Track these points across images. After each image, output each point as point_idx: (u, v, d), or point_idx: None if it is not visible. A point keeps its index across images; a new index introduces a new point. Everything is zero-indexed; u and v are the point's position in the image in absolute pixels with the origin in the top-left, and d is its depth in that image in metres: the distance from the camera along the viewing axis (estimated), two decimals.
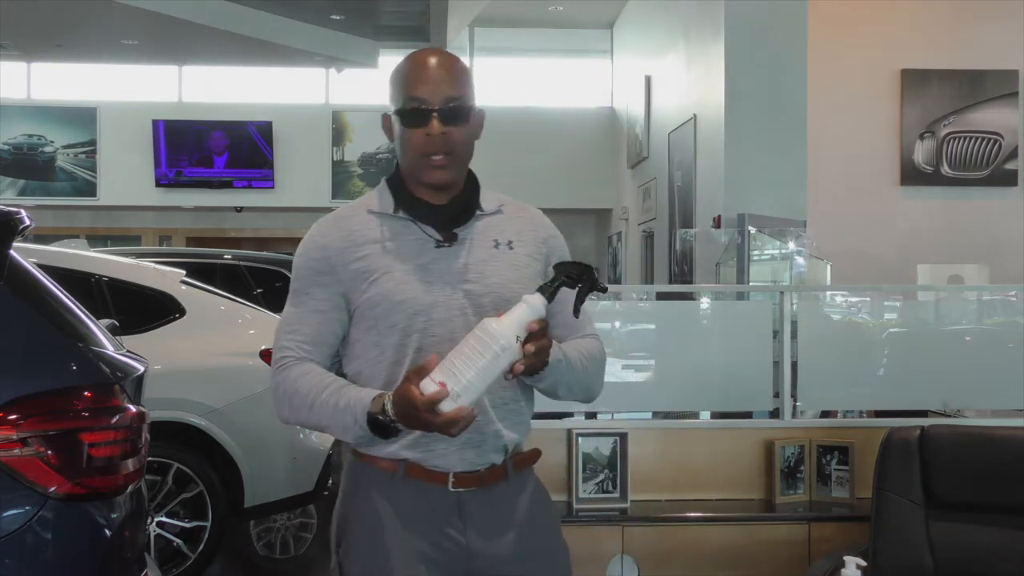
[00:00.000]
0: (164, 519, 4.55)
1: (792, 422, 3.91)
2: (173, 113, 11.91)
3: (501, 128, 11.59)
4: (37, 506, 2.12)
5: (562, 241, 2.09)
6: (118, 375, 2.36)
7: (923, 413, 4.14)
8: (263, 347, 4.46)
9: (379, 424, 1.81)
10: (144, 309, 4.73)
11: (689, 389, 4.04)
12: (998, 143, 8.46)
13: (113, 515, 2.27)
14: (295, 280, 2.00)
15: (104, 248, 7.69)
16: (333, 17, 9.74)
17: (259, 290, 6.34)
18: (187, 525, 4.58)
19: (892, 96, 8.46)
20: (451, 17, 9.46)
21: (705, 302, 5.01)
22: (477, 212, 2.00)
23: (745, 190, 6.68)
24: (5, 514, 2.11)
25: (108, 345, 2.49)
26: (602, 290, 1.82)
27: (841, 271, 6.75)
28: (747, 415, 4.12)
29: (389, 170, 2.07)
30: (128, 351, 2.62)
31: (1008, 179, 8.48)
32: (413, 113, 1.91)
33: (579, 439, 3.69)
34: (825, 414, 4.39)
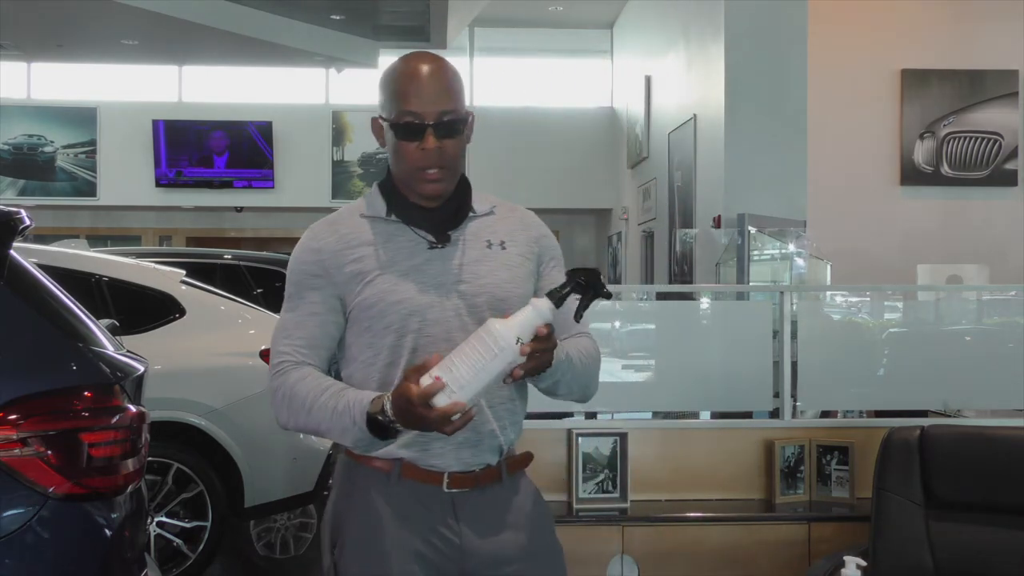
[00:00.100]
0: (164, 519, 4.55)
1: (792, 422, 3.91)
2: (173, 113, 11.90)
3: (501, 128, 11.72)
4: (37, 506, 2.12)
5: (554, 241, 2.10)
6: (118, 375, 2.36)
7: (923, 413, 4.14)
8: (263, 347, 4.46)
9: (378, 424, 1.81)
10: (144, 309, 4.73)
11: (689, 389, 4.04)
12: (998, 143, 8.46)
13: (113, 515, 2.27)
14: (290, 285, 2.00)
15: (104, 248, 7.68)
16: (333, 17, 9.72)
17: (259, 290, 6.34)
18: (187, 525, 4.58)
19: (892, 96, 8.46)
20: (451, 17, 9.46)
21: (705, 302, 5.01)
22: (469, 214, 2.00)
23: (745, 190, 6.68)
24: (5, 514, 2.11)
25: (108, 345, 2.49)
26: (606, 296, 1.82)
27: (841, 271, 6.75)
28: (747, 415, 4.12)
29: None
30: (128, 351, 2.62)
31: (1008, 179, 8.48)
32: (407, 127, 1.91)
33: (579, 439, 3.69)
34: (825, 414, 4.39)
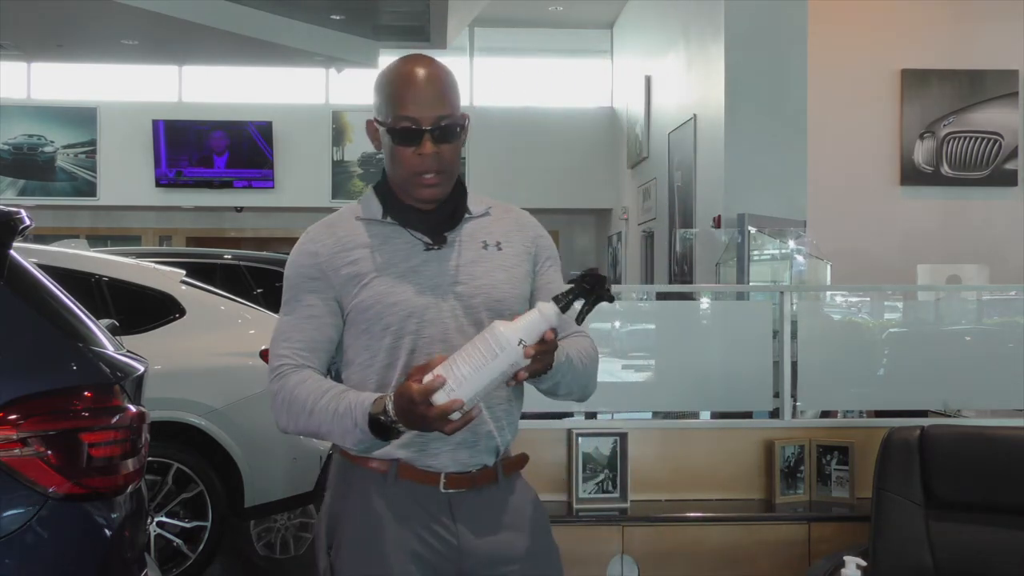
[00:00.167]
0: (164, 519, 4.55)
1: (792, 422, 3.91)
2: (173, 113, 11.89)
3: (501, 128, 11.72)
4: (37, 506, 2.12)
5: (550, 240, 2.10)
6: (118, 375, 2.36)
7: (923, 413, 4.14)
8: (263, 347, 4.45)
9: (380, 425, 1.81)
10: (144, 309, 4.73)
11: (689, 389, 4.04)
12: (998, 143, 8.46)
13: (113, 515, 2.27)
14: (287, 289, 2.00)
15: (104, 248, 7.68)
16: (333, 17, 9.71)
17: (259, 290, 6.34)
18: (187, 525, 4.58)
19: (892, 96, 8.46)
20: (451, 17, 9.45)
21: (705, 302, 5.01)
22: (465, 215, 2.00)
23: (745, 190, 6.68)
24: (5, 514, 2.11)
25: (108, 345, 2.49)
26: (609, 300, 1.82)
27: (841, 271, 6.74)
28: (747, 415, 4.12)
29: None
30: (128, 351, 2.62)
31: (1008, 179, 8.48)
32: (404, 132, 1.91)
33: (579, 439, 3.69)
34: (825, 414, 4.39)
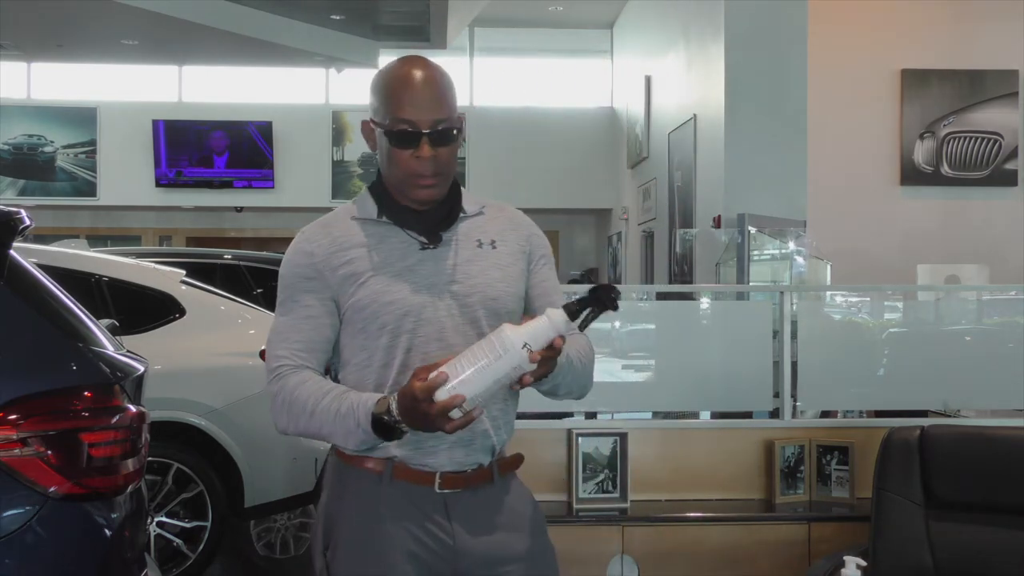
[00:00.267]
0: (164, 519, 4.55)
1: (792, 422, 3.91)
2: (173, 113, 11.89)
3: (501, 128, 11.72)
4: (37, 506, 2.12)
5: (544, 239, 2.11)
6: (118, 375, 2.36)
7: (923, 413, 4.15)
8: (263, 347, 4.44)
9: (383, 425, 1.81)
10: (144, 309, 4.73)
11: (689, 389, 4.04)
12: (998, 143, 8.46)
13: (113, 515, 2.27)
14: (283, 290, 1.99)
15: (104, 248, 7.68)
16: (333, 17, 9.71)
17: (259, 290, 6.33)
18: (187, 525, 4.58)
19: (892, 96, 8.46)
20: (451, 17, 9.45)
21: (705, 302, 5.01)
22: (460, 215, 2.01)
23: (745, 190, 6.68)
24: (5, 514, 2.10)
25: (108, 345, 2.49)
26: (614, 309, 1.82)
27: (841, 271, 6.74)
28: (747, 415, 4.13)
29: None
30: (128, 351, 2.62)
31: (1008, 179, 8.48)
32: (402, 135, 1.91)
33: (579, 439, 3.69)
34: (825, 414, 4.39)
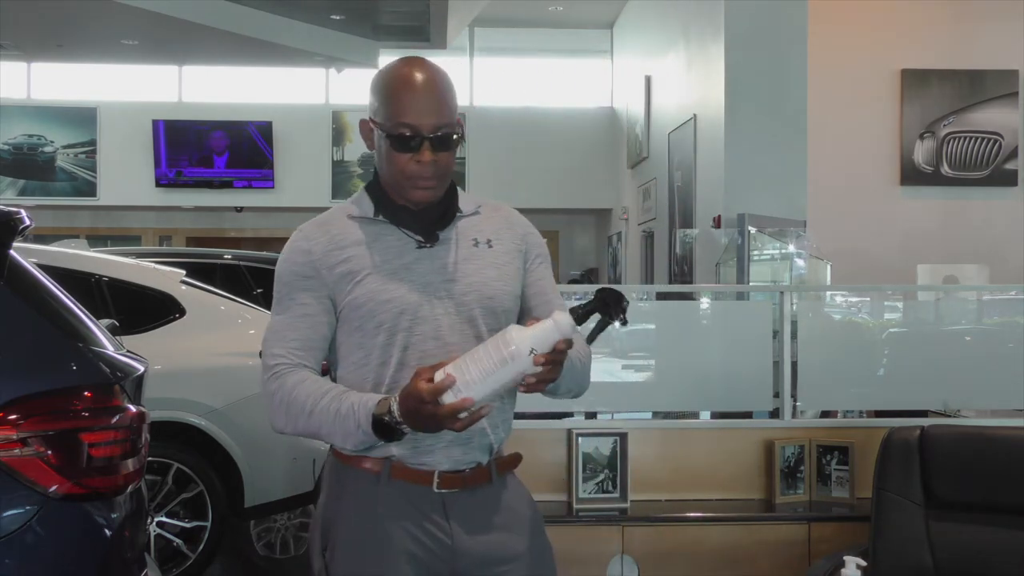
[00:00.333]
0: (164, 519, 4.55)
1: (792, 422, 3.91)
2: (173, 113, 11.89)
3: (501, 128, 11.72)
4: (37, 506, 2.12)
5: (539, 238, 2.11)
6: (118, 375, 2.36)
7: (923, 413, 4.15)
8: None
9: (384, 426, 1.81)
10: (144, 309, 4.73)
11: (689, 389, 4.04)
12: (998, 143, 8.45)
13: (113, 515, 2.27)
14: (279, 288, 1.99)
15: (104, 248, 7.68)
16: (333, 17, 9.70)
17: (259, 290, 6.33)
18: (187, 525, 4.58)
19: (892, 96, 8.46)
20: (451, 17, 9.45)
21: (705, 302, 5.01)
22: (456, 214, 2.01)
23: (745, 190, 6.68)
24: (5, 514, 2.10)
25: (108, 345, 2.49)
26: (623, 323, 1.81)
27: (841, 271, 6.74)
28: (747, 415, 4.13)
29: None
30: (128, 351, 2.62)
31: (1008, 179, 8.48)
32: (403, 139, 1.91)
33: (579, 439, 3.69)
34: (825, 414, 4.39)
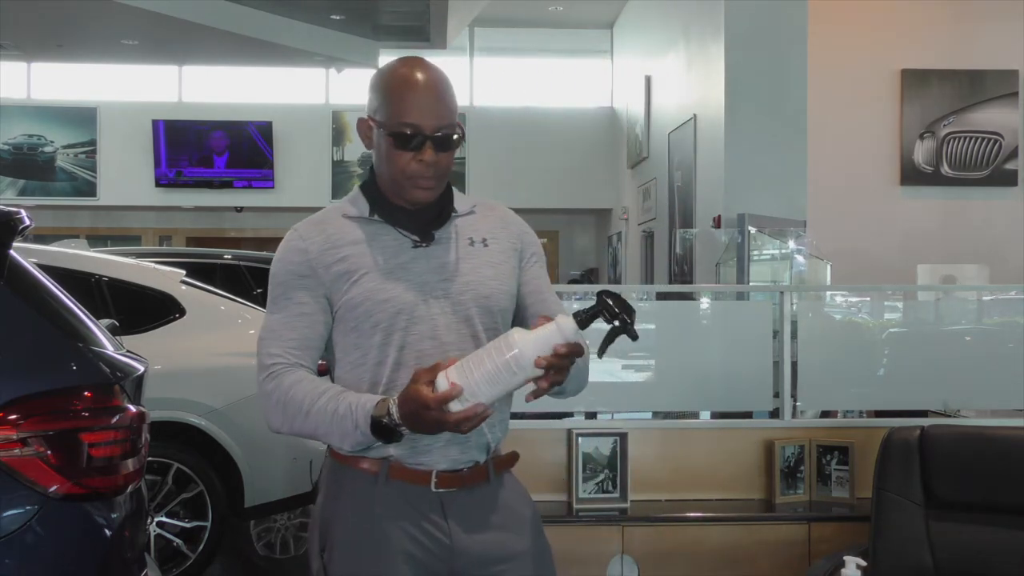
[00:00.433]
0: (164, 519, 4.55)
1: (792, 422, 3.91)
2: (173, 113, 11.90)
3: (501, 128, 11.72)
4: (37, 506, 2.12)
5: (534, 237, 2.11)
6: (118, 375, 2.36)
7: (923, 413, 4.15)
8: None
9: (383, 428, 1.81)
10: (144, 309, 4.73)
11: (689, 389, 4.04)
12: (998, 143, 8.46)
13: (113, 515, 2.27)
14: (275, 287, 1.98)
15: (104, 248, 7.68)
16: (333, 17, 9.71)
17: (259, 290, 6.33)
18: (187, 525, 4.58)
19: (892, 96, 8.46)
20: (451, 17, 9.45)
21: (705, 302, 5.01)
22: (452, 214, 2.01)
23: (745, 190, 6.68)
24: (5, 514, 2.10)
25: (108, 345, 2.49)
26: (633, 338, 1.79)
27: (841, 271, 6.74)
28: (747, 415, 4.13)
29: None
30: (128, 351, 2.62)
31: (1008, 179, 8.48)
32: (405, 138, 1.91)
33: (579, 439, 3.69)
34: (825, 414, 4.39)
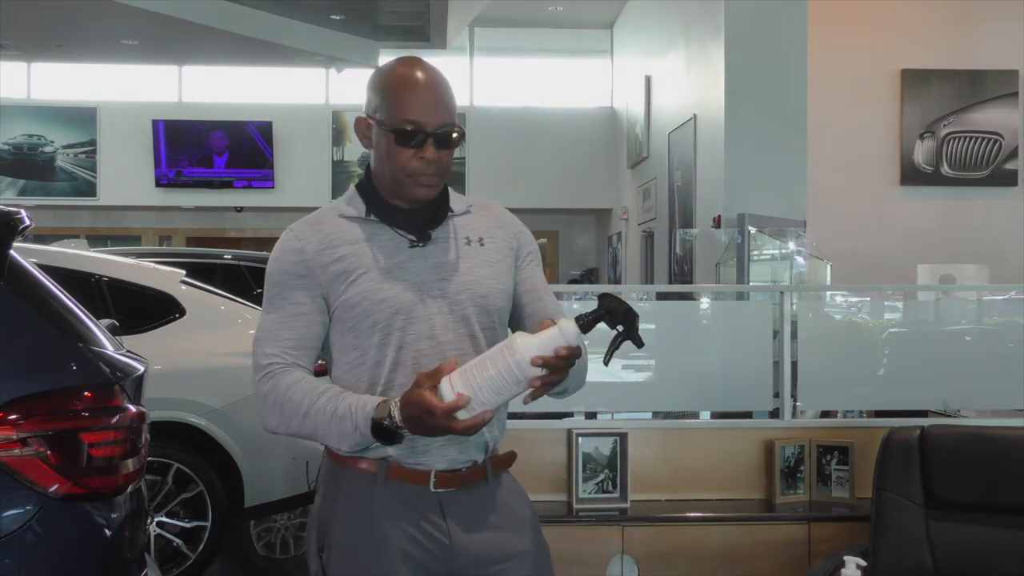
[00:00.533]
0: (164, 519, 4.55)
1: (792, 422, 3.91)
2: (173, 113, 11.90)
3: (501, 128, 11.73)
4: (37, 506, 2.12)
5: (530, 236, 2.12)
6: (118, 375, 2.36)
7: (923, 413, 4.15)
8: None
9: (383, 430, 1.81)
10: (144, 309, 4.73)
11: (689, 389, 4.05)
12: (998, 143, 8.46)
13: (113, 515, 2.27)
14: (271, 287, 1.97)
15: (104, 248, 7.68)
16: (333, 17, 9.71)
17: (259, 290, 6.32)
18: (187, 525, 4.58)
19: (892, 96, 8.46)
20: (451, 17, 9.45)
21: (705, 302, 5.01)
22: (448, 213, 2.02)
23: (745, 190, 6.68)
24: (5, 514, 2.10)
25: (108, 345, 2.49)
26: (638, 345, 1.79)
27: (841, 271, 6.74)
28: (747, 415, 4.12)
29: None
30: (128, 351, 2.62)
31: (1008, 179, 8.48)
32: (406, 135, 1.91)
33: (579, 439, 3.69)
34: (825, 414, 4.39)
